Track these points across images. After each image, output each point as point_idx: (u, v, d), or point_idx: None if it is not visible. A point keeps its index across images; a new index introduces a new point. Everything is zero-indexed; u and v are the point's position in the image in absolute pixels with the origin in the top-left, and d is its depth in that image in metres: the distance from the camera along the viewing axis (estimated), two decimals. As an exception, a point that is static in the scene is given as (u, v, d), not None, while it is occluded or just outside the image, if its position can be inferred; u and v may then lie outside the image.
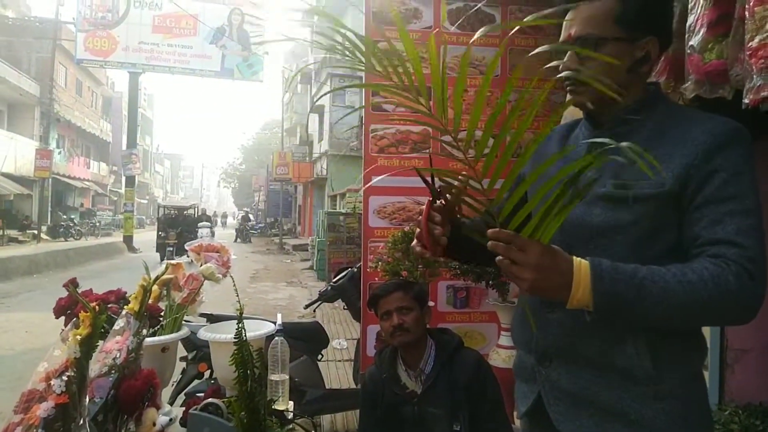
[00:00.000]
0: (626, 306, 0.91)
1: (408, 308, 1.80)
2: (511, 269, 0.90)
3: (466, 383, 1.72)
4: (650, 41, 1.04)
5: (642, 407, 0.99)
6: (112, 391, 1.23)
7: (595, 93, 1.05)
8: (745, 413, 2.29)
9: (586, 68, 1.05)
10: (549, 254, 0.89)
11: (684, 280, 0.90)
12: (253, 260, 16.38)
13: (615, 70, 1.03)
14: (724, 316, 0.96)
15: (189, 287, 1.75)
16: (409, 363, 1.80)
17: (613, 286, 0.90)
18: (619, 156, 0.81)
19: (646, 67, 1.07)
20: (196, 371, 3.14)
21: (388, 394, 1.83)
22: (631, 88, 1.07)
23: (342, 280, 3.54)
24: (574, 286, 0.90)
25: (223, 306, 6.05)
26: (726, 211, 0.94)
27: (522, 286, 0.90)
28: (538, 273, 0.88)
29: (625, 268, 0.92)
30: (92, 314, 1.10)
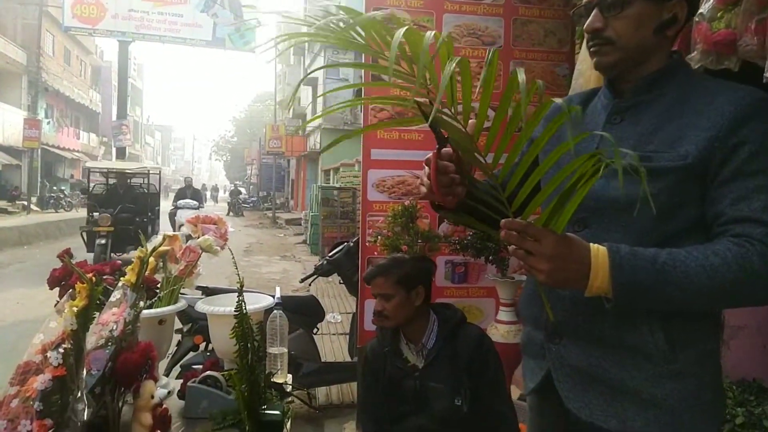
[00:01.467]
0: (647, 293, 0.88)
1: (388, 295, 1.74)
2: (526, 260, 0.88)
3: (468, 358, 1.70)
4: (678, 3, 1.00)
5: (654, 386, 0.97)
6: (109, 363, 1.20)
7: (621, 53, 1.01)
8: (739, 389, 2.31)
9: (612, 28, 1.00)
10: (565, 243, 0.87)
11: (706, 264, 0.88)
12: (246, 234, 16.34)
13: (642, 31, 0.99)
14: (750, 298, 0.92)
15: (186, 259, 1.72)
16: (411, 337, 1.79)
17: (633, 273, 0.87)
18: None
19: (672, 31, 1.02)
20: (192, 343, 3.14)
21: (389, 368, 1.82)
22: (657, 53, 1.03)
23: (338, 255, 3.52)
24: (592, 275, 0.87)
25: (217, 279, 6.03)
26: (753, 187, 0.91)
27: (539, 278, 0.88)
28: (554, 263, 0.86)
29: (645, 253, 0.89)
30: (89, 286, 1.07)
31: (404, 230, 2.54)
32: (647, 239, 0.97)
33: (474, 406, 1.67)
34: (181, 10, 18.99)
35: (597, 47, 1.03)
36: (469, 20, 2.95)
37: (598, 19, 1.01)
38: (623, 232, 0.99)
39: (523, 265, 0.89)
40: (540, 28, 3.02)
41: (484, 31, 2.96)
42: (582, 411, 1.02)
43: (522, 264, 0.90)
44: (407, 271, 1.77)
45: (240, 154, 42.31)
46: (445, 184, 0.99)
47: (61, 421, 0.99)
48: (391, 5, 2.90)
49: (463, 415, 1.67)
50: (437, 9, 2.94)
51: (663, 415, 0.97)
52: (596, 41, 1.03)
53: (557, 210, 0.85)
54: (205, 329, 2.75)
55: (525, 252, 0.87)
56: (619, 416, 0.99)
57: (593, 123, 1.09)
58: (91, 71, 32.52)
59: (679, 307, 0.93)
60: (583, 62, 2.19)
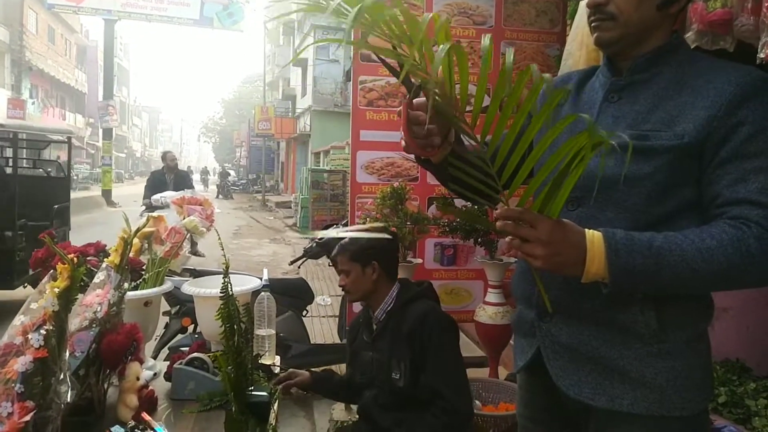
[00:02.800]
0: (644, 278, 0.88)
1: (345, 271, 1.84)
2: (522, 248, 0.87)
3: (409, 333, 1.72)
4: None
5: (643, 365, 0.98)
6: (93, 345, 1.19)
7: (623, 29, 0.99)
8: (723, 369, 2.35)
9: (614, 3, 0.99)
10: (560, 228, 0.87)
11: (702, 246, 0.87)
12: (236, 216, 16.25)
13: (645, 6, 0.98)
14: (746, 281, 0.92)
15: (171, 240, 1.70)
16: (373, 310, 1.87)
17: (630, 258, 0.87)
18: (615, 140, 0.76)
19: (675, 8, 1.01)
20: (180, 326, 3.14)
21: (359, 338, 1.94)
22: (658, 30, 1.02)
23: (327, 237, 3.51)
24: (588, 260, 0.87)
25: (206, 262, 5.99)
26: (750, 168, 0.90)
27: (536, 264, 0.87)
28: (550, 248, 0.85)
29: (640, 237, 0.89)
30: (70, 266, 1.05)
31: (393, 212, 2.53)
32: (641, 219, 0.96)
33: (411, 381, 1.70)
34: (168, -13, 18.63)
35: (599, 22, 1.01)
36: (460, -1, 2.92)
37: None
38: (616, 211, 0.98)
39: (519, 253, 0.89)
40: (531, 7, 2.99)
41: (475, 11, 2.92)
42: (571, 389, 1.02)
43: (519, 252, 0.89)
44: (360, 248, 1.84)
45: (229, 136, 41.92)
46: (420, 135, 0.96)
47: (43, 403, 0.97)
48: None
49: (400, 389, 1.72)
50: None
51: (651, 394, 0.97)
52: (598, 16, 1.01)
53: (552, 195, 0.84)
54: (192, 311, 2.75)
55: (521, 240, 0.87)
56: (608, 394, 1.00)
57: (591, 101, 1.08)
58: (76, 50, 31.91)
59: (676, 290, 0.93)
60: (572, 42, 2.17)
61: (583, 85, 1.14)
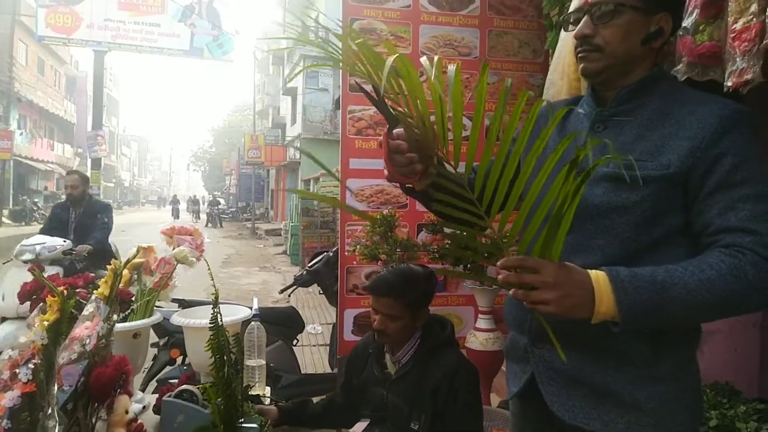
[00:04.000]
0: (652, 313, 0.88)
1: (395, 317, 1.67)
2: (530, 296, 0.86)
3: (436, 385, 1.63)
4: (664, 17, 1.03)
5: (636, 389, 0.99)
6: (82, 378, 1.17)
7: (609, 60, 1.03)
8: (712, 392, 2.36)
9: (601, 36, 1.03)
10: (564, 270, 0.87)
11: (703, 277, 0.89)
12: (225, 245, 16.16)
13: (630, 40, 1.02)
14: (745, 307, 0.94)
15: (161, 271, 1.70)
16: (392, 347, 1.76)
17: (636, 294, 0.87)
18: None
19: (658, 43, 1.05)
20: (168, 357, 3.09)
21: (368, 370, 1.80)
22: (642, 63, 1.06)
23: (318, 265, 3.50)
24: (597, 299, 0.87)
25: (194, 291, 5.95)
26: (738, 197, 0.93)
27: (547, 310, 0.86)
28: (560, 290, 0.85)
29: (643, 273, 0.89)
30: (60, 299, 1.05)
31: (383, 239, 2.55)
32: (630, 246, 0.99)
33: (430, 430, 1.60)
34: (159, 19, 18.83)
35: (585, 53, 1.06)
36: (445, 31, 2.99)
37: (588, 26, 1.04)
38: (606, 238, 1.00)
39: (527, 303, 0.87)
40: (514, 39, 3.08)
41: (460, 42, 3.00)
42: (566, 414, 1.03)
43: (527, 304, 0.87)
44: (419, 295, 1.70)
45: (218, 164, 41.91)
46: (402, 163, 0.98)
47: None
48: (368, 16, 2.92)
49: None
50: (414, 20, 2.97)
51: (645, 417, 0.98)
52: (585, 47, 1.05)
53: (550, 237, 0.84)
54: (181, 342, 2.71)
55: (527, 289, 0.86)
56: (602, 419, 1.00)
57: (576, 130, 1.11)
58: (65, 81, 31.99)
59: (682, 322, 0.95)
60: (554, 72, 2.23)
61: (567, 114, 1.17)
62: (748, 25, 1.33)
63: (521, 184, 0.86)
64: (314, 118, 19.31)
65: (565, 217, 0.82)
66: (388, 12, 2.94)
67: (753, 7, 1.32)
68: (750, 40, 1.32)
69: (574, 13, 1.08)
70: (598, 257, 1.00)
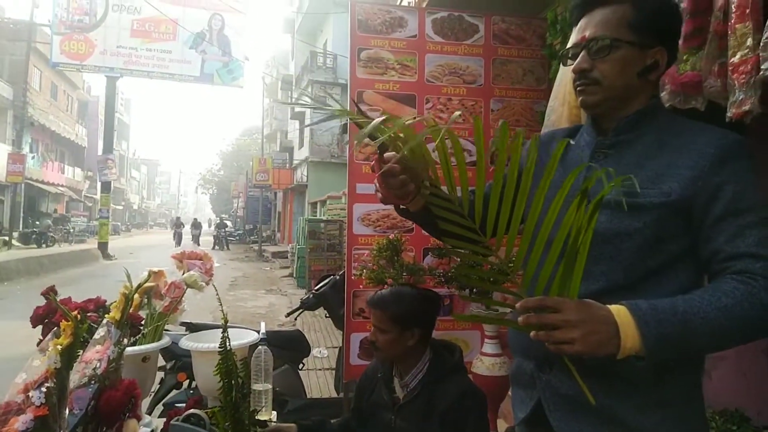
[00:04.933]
0: (675, 345, 0.89)
1: (383, 330, 1.72)
2: (553, 336, 0.86)
3: (443, 411, 1.63)
4: (660, 51, 1.07)
5: (642, 414, 0.99)
6: (92, 402, 1.19)
7: (606, 93, 1.07)
8: (722, 419, 2.33)
9: (598, 69, 1.06)
10: (585, 306, 0.87)
11: (721, 306, 0.90)
12: (232, 267, 16.19)
13: (627, 73, 1.06)
14: (760, 333, 0.95)
15: (171, 295, 1.72)
16: (400, 371, 1.77)
17: (660, 327, 0.87)
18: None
19: (654, 75, 1.09)
20: (175, 381, 3.09)
21: (376, 393, 1.81)
22: (639, 94, 1.09)
23: (324, 288, 3.51)
24: (622, 334, 0.86)
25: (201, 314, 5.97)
26: (744, 224, 0.95)
27: (574, 349, 0.85)
28: (584, 328, 0.85)
29: (663, 305, 0.90)
30: (74, 323, 1.07)
31: (389, 263, 2.57)
32: (633, 273, 1.00)
33: None
34: (170, 46, 19.26)
35: (584, 86, 1.09)
36: (451, 60, 3.06)
37: (586, 61, 1.07)
38: (609, 264, 1.02)
39: (551, 344, 0.86)
40: (518, 67, 3.14)
41: (465, 71, 3.07)
42: None
43: (551, 345, 0.86)
44: (404, 311, 1.72)
45: (227, 187, 42.27)
46: (395, 186, 1.01)
47: (42, 462, 0.98)
48: (375, 46, 3.00)
49: None
50: (420, 49, 3.04)
51: None
52: (583, 81, 1.08)
53: (567, 275, 0.85)
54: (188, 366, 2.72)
55: (549, 329, 0.85)
56: None
57: (577, 159, 1.14)
58: (77, 106, 32.59)
59: (704, 351, 0.96)
60: (555, 100, 2.27)
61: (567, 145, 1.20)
62: (745, 59, 1.37)
63: (521, 205, 0.88)
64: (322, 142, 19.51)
65: (580, 250, 0.82)
66: (395, 42, 3.01)
67: (749, 41, 1.37)
68: (747, 72, 1.36)
69: (572, 48, 1.12)
70: (602, 283, 1.01)
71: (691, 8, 1.61)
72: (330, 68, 19.17)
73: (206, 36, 19.52)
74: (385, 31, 3.01)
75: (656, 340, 0.87)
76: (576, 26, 1.12)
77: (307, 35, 22.42)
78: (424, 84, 3.04)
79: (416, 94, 3.03)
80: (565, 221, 0.83)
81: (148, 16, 18.85)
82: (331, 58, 19.18)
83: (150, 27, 19.07)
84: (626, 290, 0.99)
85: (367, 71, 2.99)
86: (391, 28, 3.01)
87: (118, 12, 18.75)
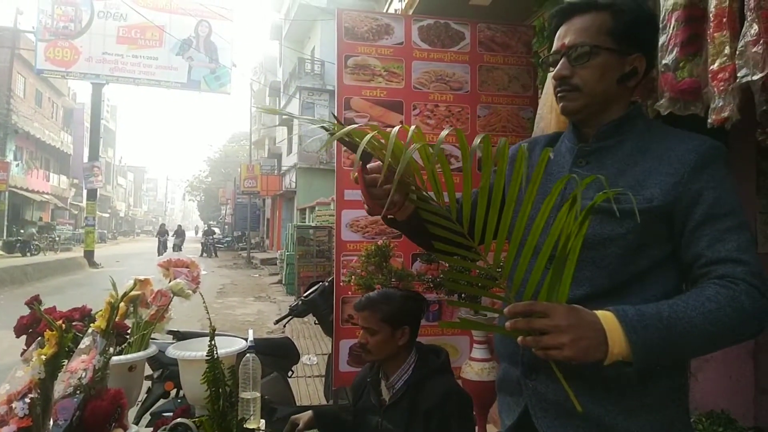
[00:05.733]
0: (661, 350, 0.90)
1: (373, 330, 1.73)
2: (542, 342, 0.86)
3: (427, 411, 1.64)
4: (638, 57, 1.09)
5: (628, 419, 1.00)
6: (77, 412, 1.18)
7: (587, 99, 1.08)
8: (708, 420, 2.35)
9: (578, 76, 1.08)
10: (574, 312, 0.87)
11: (705, 311, 0.91)
12: (220, 275, 16.07)
13: (606, 79, 1.07)
14: (744, 336, 0.96)
15: (157, 303, 1.70)
16: (386, 373, 1.78)
17: (646, 333, 0.88)
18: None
19: (633, 82, 1.11)
20: (163, 390, 3.05)
21: (365, 397, 1.83)
22: (619, 100, 1.11)
23: (313, 295, 3.50)
24: (610, 340, 0.87)
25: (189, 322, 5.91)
26: (724, 228, 0.97)
27: (563, 354, 0.85)
28: (573, 333, 0.85)
29: (649, 311, 0.91)
30: (58, 333, 1.06)
31: (378, 269, 2.57)
32: (616, 277, 1.02)
33: None
34: (156, 53, 19.17)
35: (564, 93, 1.10)
36: (437, 67, 3.09)
37: (566, 68, 1.09)
38: (593, 269, 1.03)
39: (539, 350, 0.87)
40: (504, 74, 3.17)
41: (451, 77, 3.09)
42: None
43: (539, 350, 0.86)
44: (395, 310, 1.74)
45: (214, 194, 42.02)
46: (379, 196, 1.00)
47: (25, 474, 0.97)
48: (362, 53, 3.01)
49: None
50: (406, 56, 3.06)
51: None
52: (563, 87, 1.10)
53: (556, 280, 0.85)
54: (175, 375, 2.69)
55: (537, 335, 0.86)
56: None
57: (559, 165, 1.16)
58: (63, 113, 32.25)
59: (689, 356, 0.97)
60: (544, 107, 2.30)
61: None
62: (723, 66, 1.40)
63: (509, 213, 0.88)
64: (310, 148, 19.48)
65: (569, 255, 0.83)
66: (382, 49, 3.03)
67: (726, 49, 1.39)
68: (726, 80, 1.38)
69: (552, 55, 1.13)
70: (586, 288, 1.03)
71: (686, 16, 1.63)
72: (318, 75, 19.17)
73: (193, 42, 19.46)
74: (371, 38, 3.02)
75: (643, 346, 0.87)
76: (556, 34, 1.13)
77: (294, 42, 22.43)
78: (411, 90, 3.06)
79: (403, 100, 3.05)
80: (554, 228, 0.84)
81: (134, 22, 18.75)
82: (319, 65, 19.20)
83: (136, 33, 18.97)
84: (610, 295, 1.01)
85: (354, 78, 3.00)
86: (378, 35, 3.03)
87: (103, 19, 18.63)
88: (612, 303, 0.94)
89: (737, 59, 1.36)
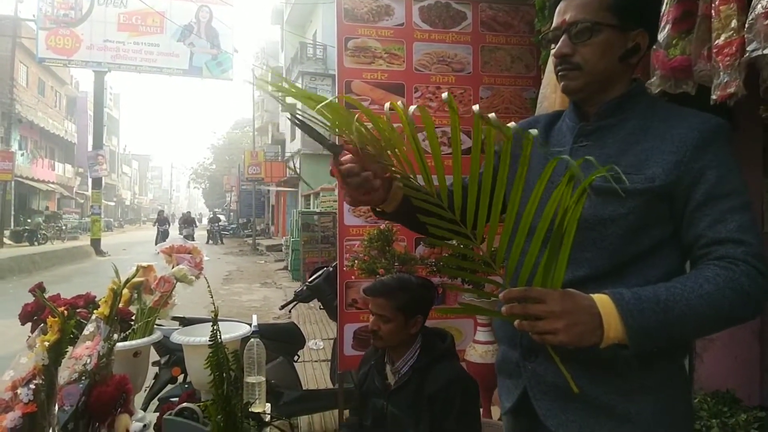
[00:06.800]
0: (659, 333, 0.89)
1: (386, 318, 1.71)
2: (537, 327, 0.86)
3: (432, 396, 1.64)
4: (640, 33, 1.05)
5: (627, 400, 1.00)
6: (82, 398, 1.19)
7: (588, 78, 1.05)
8: (713, 400, 2.35)
9: (579, 54, 1.05)
10: (569, 297, 0.87)
11: (703, 293, 0.90)
12: (226, 261, 16.16)
13: (608, 57, 1.04)
14: (743, 317, 0.95)
15: (161, 290, 1.71)
16: (392, 357, 1.78)
17: (643, 317, 0.87)
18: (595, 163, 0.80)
19: (635, 59, 1.08)
20: (170, 375, 3.09)
21: (369, 381, 1.83)
22: (621, 78, 1.08)
23: (318, 280, 3.51)
24: (605, 324, 0.86)
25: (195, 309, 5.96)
26: (726, 209, 0.95)
27: (557, 339, 0.85)
28: (568, 318, 0.85)
29: (646, 293, 0.90)
30: (61, 319, 1.07)
31: (381, 254, 2.57)
32: (617, 258, 1.00)
33: None
34: (158, 39, 19.06)
35: (565, 72, 1.07)
36: (439, 48, 3.04)
37: (567, 45, 1.06)
38: (594, 250, 1.01)
39: (534, 334, 0.87)
40: (507, 54, 3.13)
41: (453, 58, 3.05)
42: (560, 428, 1.03)
43: (535, 335, 0.87)
44: (410, 299, 1.72)
45: (219, 181, 42.07)
46: (357, 183, 0.98)
47: (31, 459, 0.98)
48: (363, 35, 2.97)
49: None
50: (407, 38, 3.02)
51: (637, 429, 0.99)
52: (564, 66, 1.07)
53: (551, 264, 0.84)
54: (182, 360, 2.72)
55: (533, 320, 0.86)
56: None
57: (560, 144, 1.14)
58: (66, 102, 32.25)
59: (688, 338, 0.96)
60: (547, 86, 2.27)
61: (550, 128, 1.19)
62: (730, 41, 1.36)
63: (500, 195, 0.86)
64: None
65: (566, 234, 0.82)
66: (382, 30, 2.99)
67: (733, 23, 1.36)
68: (731, 54, 1.36)
69: (552, 32, 1.10)
70: (586, 269, 1.01)
71: (679, -8, 1.60)
72: (320, 59, 19.04)
73: (194, 28, 19.32)
74: (371, 19, 2.98)
75: (639, 330, 0.87)
76: (555, 10, 1.10)
77: (296, 26, 22.25)
78: (412, 73, 3.02)
79: (404, 83, 3.01)
80: (548, 208, 0.82)
81: (134, 9, 18.63)
82: (321, 49, 19.05)
83: (137, 20, 18.85)
84: (611, 276, 0.99)
85: (355, 61, 2.97)
86: (378, 16, 2.99)
87: (104, 6, 18.51)
88: (612, 284, 0.93)
89: (746, 33, 1.33)
